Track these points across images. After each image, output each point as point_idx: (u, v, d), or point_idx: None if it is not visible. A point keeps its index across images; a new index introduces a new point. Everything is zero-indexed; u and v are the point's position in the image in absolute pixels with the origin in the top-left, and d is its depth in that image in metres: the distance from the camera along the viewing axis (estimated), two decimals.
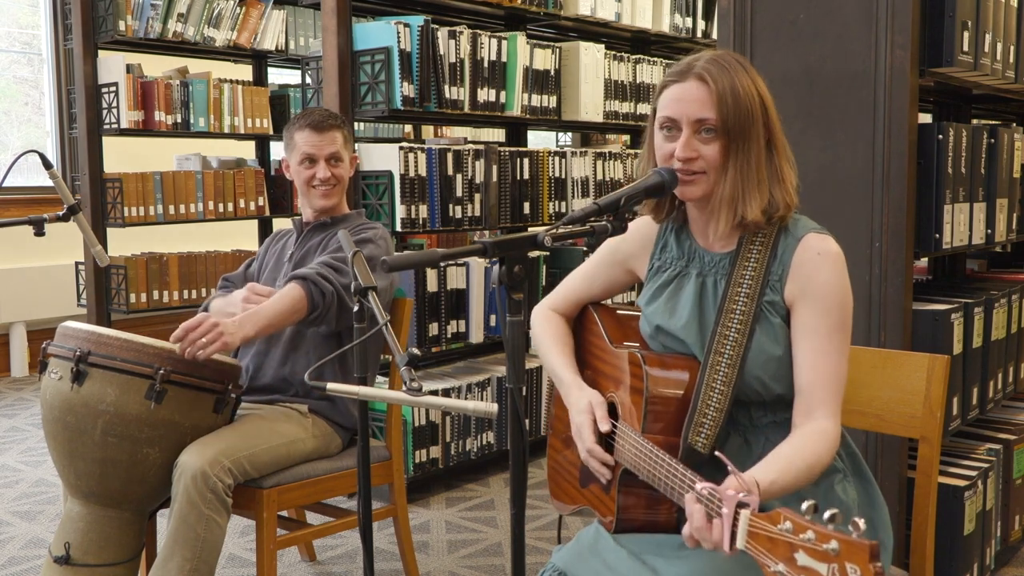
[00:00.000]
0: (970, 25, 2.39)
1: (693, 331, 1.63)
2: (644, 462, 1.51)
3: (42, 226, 2.39)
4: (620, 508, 1.61)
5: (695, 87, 1.56)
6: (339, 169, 2.66)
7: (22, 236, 3.98)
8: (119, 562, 2.31)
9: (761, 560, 1.18)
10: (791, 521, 1.14)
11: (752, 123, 1.55)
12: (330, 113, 2.69)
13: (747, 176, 1.56)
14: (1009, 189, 2.78)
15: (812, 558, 1.11)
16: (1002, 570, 2.92)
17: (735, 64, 1.58)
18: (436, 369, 4.01)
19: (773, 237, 1.60)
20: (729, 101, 1.54)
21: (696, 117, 1.56)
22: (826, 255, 1.56)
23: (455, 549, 3.19)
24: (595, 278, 1.87)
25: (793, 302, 1.58)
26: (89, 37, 4.53)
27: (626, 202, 1.54)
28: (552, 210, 4.18)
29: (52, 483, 3.90)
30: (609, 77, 4.42)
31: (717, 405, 1.56)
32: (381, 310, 1.87)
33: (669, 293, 1.70)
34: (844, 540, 1.08)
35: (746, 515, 1.22)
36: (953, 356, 2.44)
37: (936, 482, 1.76)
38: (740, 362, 1.56)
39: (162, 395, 2.22)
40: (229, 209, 5.04)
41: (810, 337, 1.56)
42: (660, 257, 1.74)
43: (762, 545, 1.18)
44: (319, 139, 2.63)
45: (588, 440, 1.65)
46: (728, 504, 1.24)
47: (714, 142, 1.56)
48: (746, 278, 1.59)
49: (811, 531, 1.12)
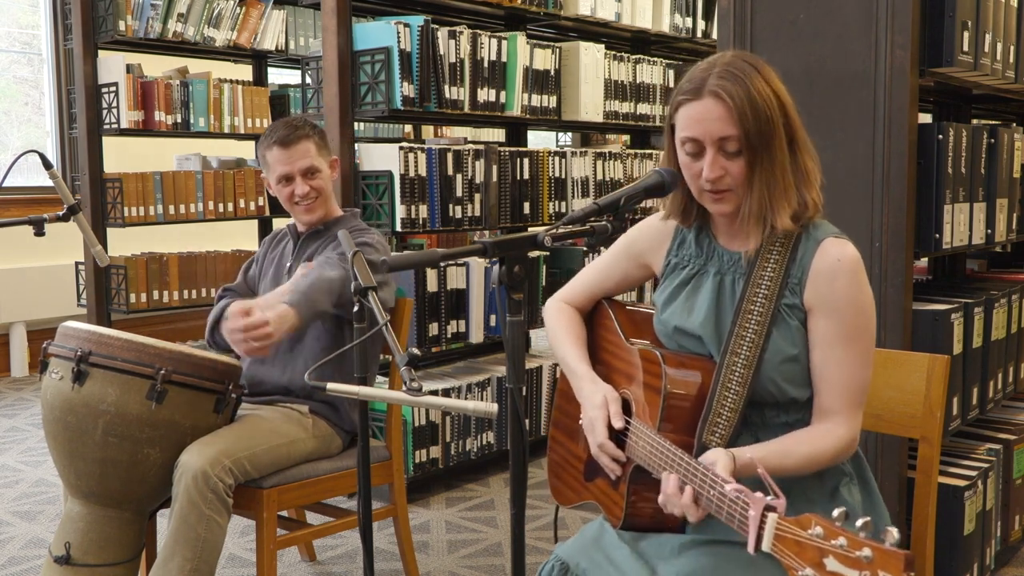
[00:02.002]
0: (970, 25, 2.39)
1: (710, 329, 1.63)
2: (660, 460, 1.51)
3: (42, 226, 2.39)
4: (629, 505, 1.62)
5: (712, 105, 1.51)
6: (317, 181, 2.60)
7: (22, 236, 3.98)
8: (119, 562, 2.31)
9: (788, 563, 1.18)
10: (822, 527, 1.14)
11: (774, 129, 1.52)
12: (295, 124, 2.60)
13: (773, 187, 1.54)
14: (1009, 189, 2.78)
15: (843, 564, 1.11)
16: (1002, 570, 2.92)
17: (748, 70, 1.54)
18: (436, 369, 4.01)
19: (793, 239, 1.59)
20: (749, 114, 1.50)
21: (719, 136, 1.52)
22: (845, 261, 1.55)
23: (455, 549, 3.19)
24: (610, 272, 1.87)
25: (811, 307, 1.57)
26: (89, 37, 4.52)
27: (626, 202, 1.53)
28: (552, 210, 4.18)
29: (52, 483, 3.90)
30: (609, 77, 4.42)
31: (732, 405, 1.56)
32: (381, 310, 1.87)
33: (687, 293, 1.69)
34: (878, 548, 1.08)
35: (773, 518, 1.22)
36: (953, 356, 2.44)
37: (936, 482, 1.76)
38: (756, 363, 1.56)
39: (163, 395, 2.22)
40: (229, 209, 5.04)
41: (827, 345, 1.56)
42: (677, 254, 1.73)
43: (789, 549, 1.18)
44: (289, 155, 2.56)
45: (600, 435, 1.65)
46: (755, 506, 1.24)
47: (739, 158, 1.53)
48: (765, 279, 1.58)
49: (843, 537, 1.12)
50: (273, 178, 2.61)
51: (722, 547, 1.54)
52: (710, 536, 1.56)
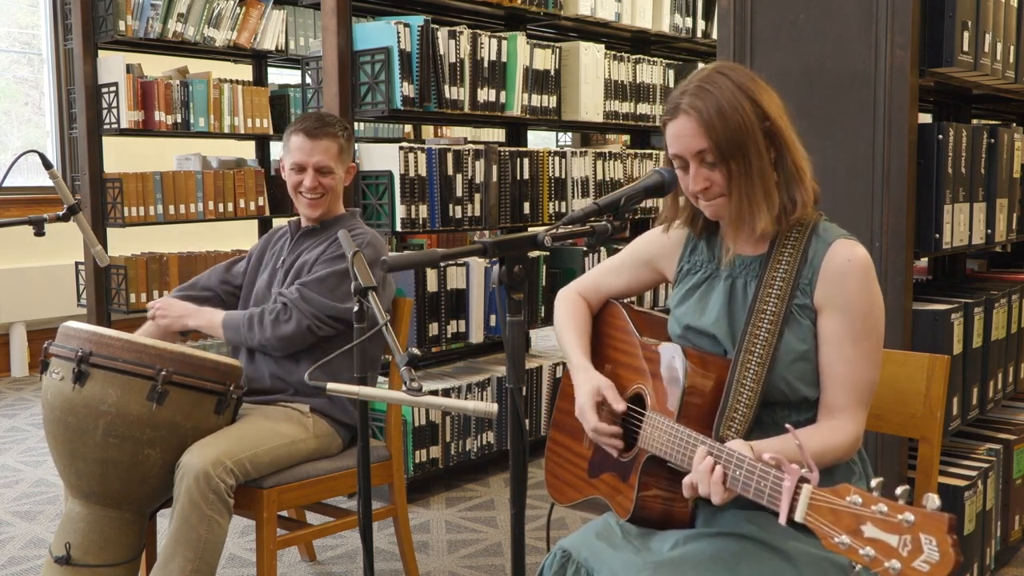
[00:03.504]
0: (970, 25, 2.39)
1: (723, 328, 1.67)
2: (683, 446, 1.52)
3: (42, 226, 2.39)
4: (639, 496, 1.62)
5: (685, 122, 1.58)
6: (328, 179, 2.60)
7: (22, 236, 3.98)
8: (119, 562, 2.31)
9: (823, 531, 1.19)
10: (861, 496, 1.15)
11: (747, 135, 1.56)
12: (328, 120, 2.62)
13: (751, 192, 1.58)
14: (1009, 189, 2.78)
15: (882, 530, 1.11)
16: (1002, 570, 2.92)
17: (720, 81, 1.58)
18: (436, 369, 4.01)
19: (804, 241, 1.62)
20: (717, 125, 1.55)
21: (695, 150, 1.58)
22: (855, 261, 1.58)
23: (455, 549, 3.19)
24: (621, 272, 1.91)
25: (821, 307, 1.60)
26: (89, 37, 4.52)
27: (626, 202, 1.55)
28: (552, 210, 4.18)
29: (52, 483, 3.90)
30: (609, 77, 4.42)
31: (747, 402, 1.59)
32: (381, 310, 1.87)
33: (700, 294, 1.73)
34: (920, 512, 1.08)
35: (808, 489, 1.23)
36: (953, 356, 2.44)
37: (936, 482, 1.77)
38: (770, 361, 1.59)
39: (163, 396, 2.22)
40: (229, 209, 5.04)
41: (836, 344, 1.59)
42: (690, 260, 1.78)
43: (824, 518, 1.19)
44: (310, 146, 2.58)
45: (592, 420, 1.69)
46: (791, 476, 1.26)
47: (718, 167, 1.58)
48: (777, 280, 1.62)
49: (883, 504, 1.12)
50: (288, 162, 2.62)
51: (728, 539, 1.57)
52: (717, 529, 1.59)
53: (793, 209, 1.60)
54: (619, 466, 1.70)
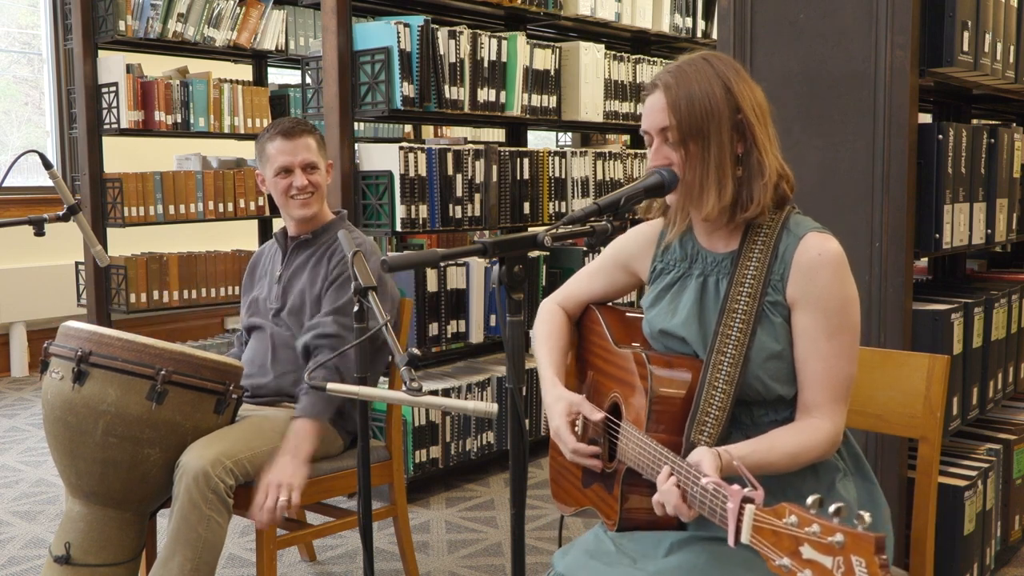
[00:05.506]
0: (970, 25, 2.39)
1: (693, 329, 1.64)
2: (649, 460, 1.51)
3: (42, 226, 2.39)
4: (623, 508, 1.62)
5: (655, 98, 1.59)
6: (315, 176, 2.61)
7: (22, 236, 3.98)
8: (119, 562, 2.31)
9: (765, 554, 1.18)
10: (796, 515, 1.14)
11: (712, 122, 1.56)
12: (299, 120, 2.64)
13: (702, 177, 1.57)
14: (1009, 189, 2.78)
15: (817, 551, 1.11)
16: (1002, 570, 2.92)
17: (701, 66, 1.59)
18: (436, 369, 4.01)
19: (775, 237, 1.60)
20: (682, 105, 1.56)
21: (659, 126, 1.59)
22: (826, 255, 1.56)
23: (455, 549, 3.19)
24: (596, 278, 1.89)
25: (794, 303, 1.58)
26: (89, 37, 4.53)
27: (626, 202, 1.55)
28: (552, 210, 4.18)
29: (52, 483, 3.90)
30: (609, 77, 4.42)
31: (720, 404, 1.56)
32: (381, 310, 1.87)
33: (671, 296, 1.71)
34: (849, 533, 1.08)
35: (751, 510, 1.22)
36: (953, 356, 2.44)
37: (936, 482, 1.76)
38: (743, 361, 1.57)
39: (163, 396, 2.22)
40: (229, 209, 5.05)
41: (810, 340, 1.56)
42: (662, 259, 1.75)
43: (767, 539, 1.18)
44: (292, 147, 2.57)
45: (569, 442, 1.68)
46: (734, 499, 1.24)
47: (678, 147, 1.58)
48: (748, 277, 1.59)
49: (816, 524, 1.12)
50: (271, 171, 2.60)
51: (722, 543, 1.54)
52: (711, 533, 1.57)
53: (749, 206, 1.58)
54: (604, 477, 1.70)
